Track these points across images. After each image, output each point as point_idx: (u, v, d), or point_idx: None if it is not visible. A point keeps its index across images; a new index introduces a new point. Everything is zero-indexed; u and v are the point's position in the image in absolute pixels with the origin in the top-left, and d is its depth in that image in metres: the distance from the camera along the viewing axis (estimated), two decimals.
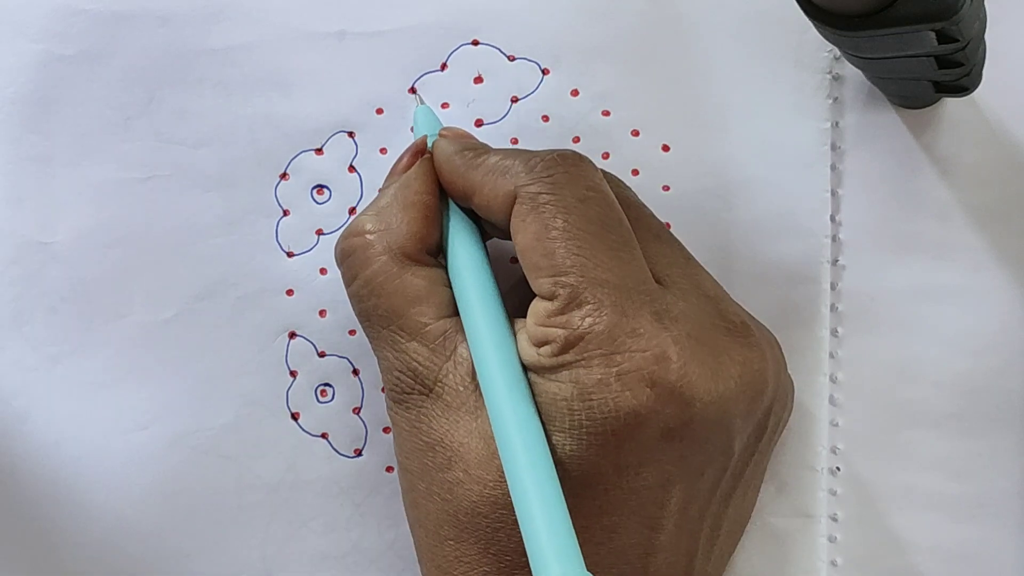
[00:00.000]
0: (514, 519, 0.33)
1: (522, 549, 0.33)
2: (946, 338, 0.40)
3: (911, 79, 0.38)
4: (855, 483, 0.40)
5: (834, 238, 0.41)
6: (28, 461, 0.41)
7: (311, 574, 0.41)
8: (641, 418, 0.33)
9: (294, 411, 0.41)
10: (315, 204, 0.41)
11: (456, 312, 0.36)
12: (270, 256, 0.41)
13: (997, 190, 0.40)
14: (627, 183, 0.39)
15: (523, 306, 0.36)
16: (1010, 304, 0.40)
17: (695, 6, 0.41)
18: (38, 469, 0.41)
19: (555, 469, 0.33)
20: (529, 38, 0.41)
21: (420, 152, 0.38)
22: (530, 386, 0.34)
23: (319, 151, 0.41)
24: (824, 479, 0.40)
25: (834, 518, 0.40)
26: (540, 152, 0.36)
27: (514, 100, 0.41)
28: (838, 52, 0.40)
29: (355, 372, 0.41)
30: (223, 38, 0.41)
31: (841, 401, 0.41)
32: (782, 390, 0.38)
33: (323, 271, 0.41)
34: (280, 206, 0.41)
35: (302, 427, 0.41)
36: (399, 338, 0.36)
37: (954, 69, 0.36)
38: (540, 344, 0.34)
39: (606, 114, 0.41)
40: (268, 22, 0.41)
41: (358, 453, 0.41)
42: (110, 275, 0.41)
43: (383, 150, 0.41)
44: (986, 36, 0.37)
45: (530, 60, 0.41)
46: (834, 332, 0.41)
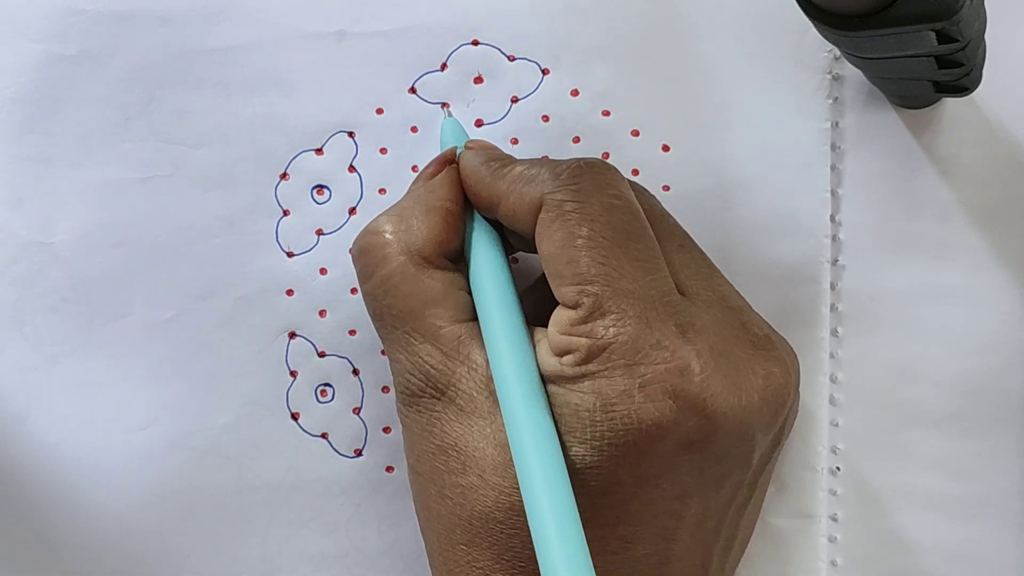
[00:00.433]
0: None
1: (536, 557, 0.33)
2: (946, 338, 0.40)
3: (911, 79, 0.38)
4: (855, 483, 0.40)
5: (834, 238, 0.41)
6: (28, 461, 0.41)
7: (311, 574, 0.41)
8: (663, 430, 0.33)
9: (294, 411, 0.41)
10: (315, 204, 0.41)
11: (471, 317, 0.36)
12: (270, 256, 0.41)
13: (997, 190, 0.40)
14: None
15: (536, 315, 0.36)
16: (1010, 304, 0.40)
17: (695, 6, 0.41)
18: (38, 469, 0.41)
19: (570, 479, 0.33)
20: (529, 38, 0.41)
21: (447, 162, 0.38)
22: (548, 396, 0.34)
23: (319, 151, 0.41)
24: (824, 479, 0.40)
25: (834, 518, 0.40)
26: (566, 160, 0.36)
27: (514, 100, 0.41)
28: (838, 52, 0.40)
29: (355, 372, 0.41)
30: (223, 38, 0.41)
31: (841, 401, 0.41)
32: (798, 400, 0.38)
33: (323, 271, 0.41)
34: (280, 206, 0.41)
35: (302, 427, 0.41)
36: (412, 340, 0.36)
37: (954, 69, 0.36)
38: (562, 353, 0.34)
39: (606, 114, 0.41)
40: (268, 22, 0.41)
41: (358, 453, 0.41)
42: (110, 275, 0.41)
43: (383, 150, 0.41)
44: (986, 36, 0.37)
45: (530, 60, 0.41)
46: (834, 332, 0.41)
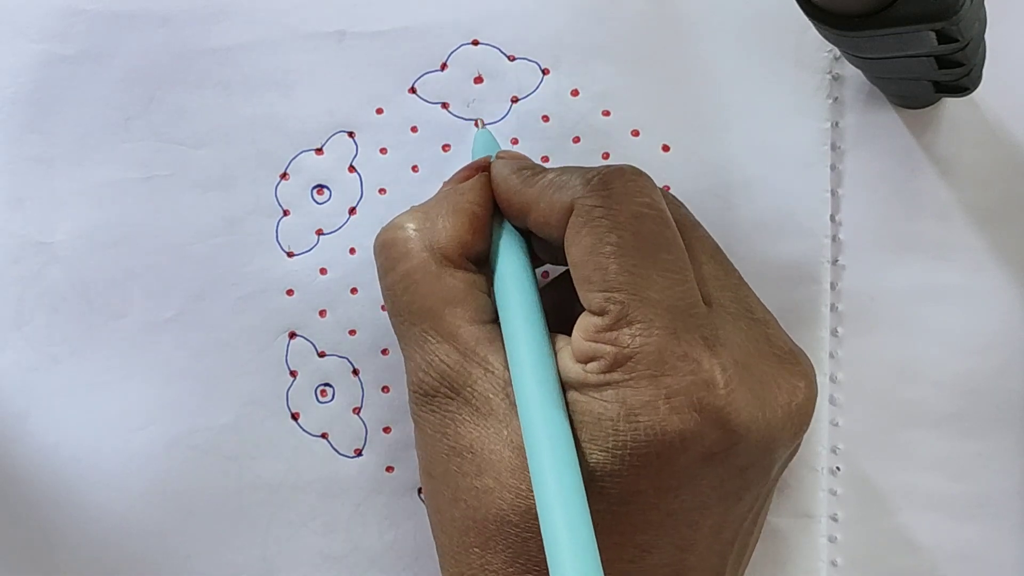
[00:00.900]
0: None
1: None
2: (946, 338, 0.40)
3: (911, 79, 0.38)
4: (855, 483, 0.40)
5: (834, 238, 0.41)
6: (28, 461, 0.41)
7: (311, 574, 0.41)
8: (686, 442, 0.33)
9: (294, 411, 0.41)
10: (315, 204, 0.41)
11: (491, 320, 0.36)
12: (270, 256, 0.41)
13: (997, 190, 0.40)
14: None
15: (552, 320, 0.36)
16: (1010, 304, 0.40)
17: (695, 6, 0.41)
18: (38, 469, 0.41)
19: (589, 487, 0.32)
20: (529, 38, 0.41)
21: (480, 169, 0.38)
22: (568, 403, 0.34)
23: (319, 151, 0.41)
24: (824, 479, 0.40)
25: (834, 518, 0.40)
26: (598, 167, 0.36)
27: (514, 100, 0.41)
28: (838, 52, 0.40)
29: (355, 372, 0.41)
30: (223, 38, 0.41)
31: (841, 401, 0.41)
32: None
33: (323, 271, 0.41)
34: (280, 206, 0.41)
35: (302, 427, 0.41)
36: (429, 338, 0.36)
37: (954, 69, 0.36)
38: (586, 360, 0.34)
39: (606, 114, 0.41)
40: (268, 22, 0.41)
41: (358, 453, 0.41)
42: (110, 275, 0.41)
43: (383, 150, 0.41)
44: (986, 36, 0.37)
45: (530, 60, 0.41)
46: (834, 332, 0.41)
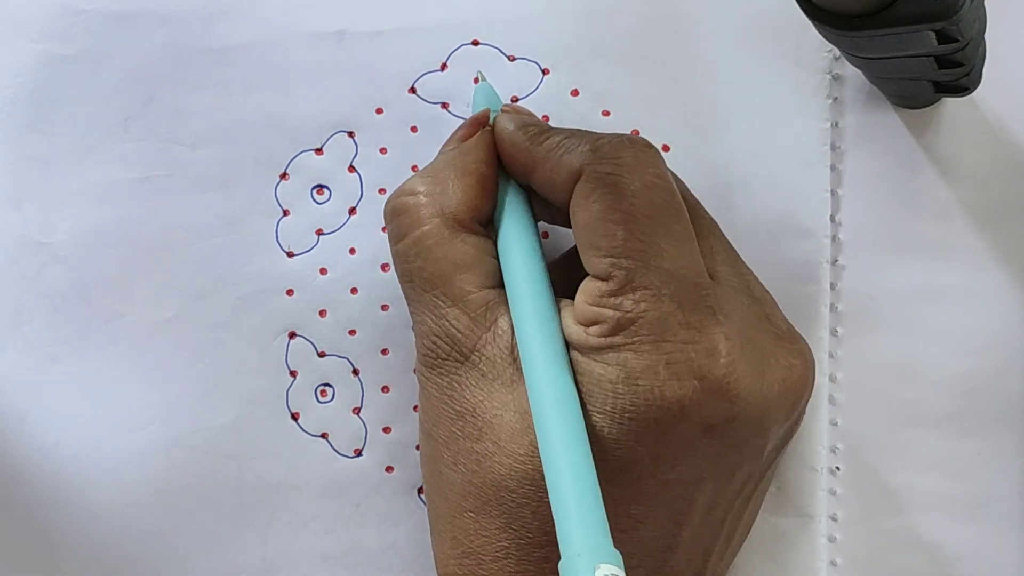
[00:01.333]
0: (540, 496, 0.33)
1: (544, 528, 0.32)
2: (946, 338, 0.40)
3: (911, 79, 0.38)
4: (855, 483, 0.40)
5: (834, 238, 0.41)
6: (28, 461, 0.41)
7: (311, 574, 0.41)
8: (685, 410, 0.33)
9: (294, 411, 0.41)
10: (315, 204, 0.41)
11: (500, 284, 0.36)
12: (270, 256, 0.41)
13: (997, 190, 0.40)
14: None
15: (560, 290, 0.36)
16: (1010, 304, 0.40)
17: (695, 6, 0.41)
18: (38, 469, 0.41)
19: (590, 447, 0.33)
20: (529, 38, 0.41)
21: (480, 124, 0.38)
22: (572, 364, 0.34)
23: (319, 151, 0.41)
24: (824, 479, 0.40)
25: (834, 518, 0.40)
26: (608, 134, 0.36)
27: (514, 100, 0.41)
28: (838, 52, 0.40)
29: (355, 372, 0.41)
30: (223, 38, 0.41)
31: (841, 401, 0.41)
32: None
33: (323, 271, 0.41)
34: (280, 206, 0.41)
35: (302, 427, 0.41)
36: (441, 303, 0.36)
37: (954, 69, 0.36)
38: (589, 324, 0.34)
39: (606, 114, 0.41)
40: (268, 22, 0.41)
41: (358, 453, 0.41)
42: (110, 275, 0.41)
43: (383, 150, 0.41)
44: (986, 36, 0.37)
45: (530, 60, 0.41)
46: (834, 332, 0.41)
